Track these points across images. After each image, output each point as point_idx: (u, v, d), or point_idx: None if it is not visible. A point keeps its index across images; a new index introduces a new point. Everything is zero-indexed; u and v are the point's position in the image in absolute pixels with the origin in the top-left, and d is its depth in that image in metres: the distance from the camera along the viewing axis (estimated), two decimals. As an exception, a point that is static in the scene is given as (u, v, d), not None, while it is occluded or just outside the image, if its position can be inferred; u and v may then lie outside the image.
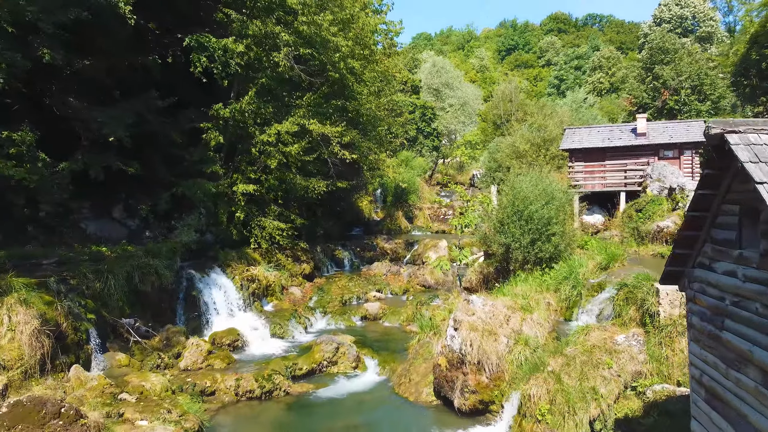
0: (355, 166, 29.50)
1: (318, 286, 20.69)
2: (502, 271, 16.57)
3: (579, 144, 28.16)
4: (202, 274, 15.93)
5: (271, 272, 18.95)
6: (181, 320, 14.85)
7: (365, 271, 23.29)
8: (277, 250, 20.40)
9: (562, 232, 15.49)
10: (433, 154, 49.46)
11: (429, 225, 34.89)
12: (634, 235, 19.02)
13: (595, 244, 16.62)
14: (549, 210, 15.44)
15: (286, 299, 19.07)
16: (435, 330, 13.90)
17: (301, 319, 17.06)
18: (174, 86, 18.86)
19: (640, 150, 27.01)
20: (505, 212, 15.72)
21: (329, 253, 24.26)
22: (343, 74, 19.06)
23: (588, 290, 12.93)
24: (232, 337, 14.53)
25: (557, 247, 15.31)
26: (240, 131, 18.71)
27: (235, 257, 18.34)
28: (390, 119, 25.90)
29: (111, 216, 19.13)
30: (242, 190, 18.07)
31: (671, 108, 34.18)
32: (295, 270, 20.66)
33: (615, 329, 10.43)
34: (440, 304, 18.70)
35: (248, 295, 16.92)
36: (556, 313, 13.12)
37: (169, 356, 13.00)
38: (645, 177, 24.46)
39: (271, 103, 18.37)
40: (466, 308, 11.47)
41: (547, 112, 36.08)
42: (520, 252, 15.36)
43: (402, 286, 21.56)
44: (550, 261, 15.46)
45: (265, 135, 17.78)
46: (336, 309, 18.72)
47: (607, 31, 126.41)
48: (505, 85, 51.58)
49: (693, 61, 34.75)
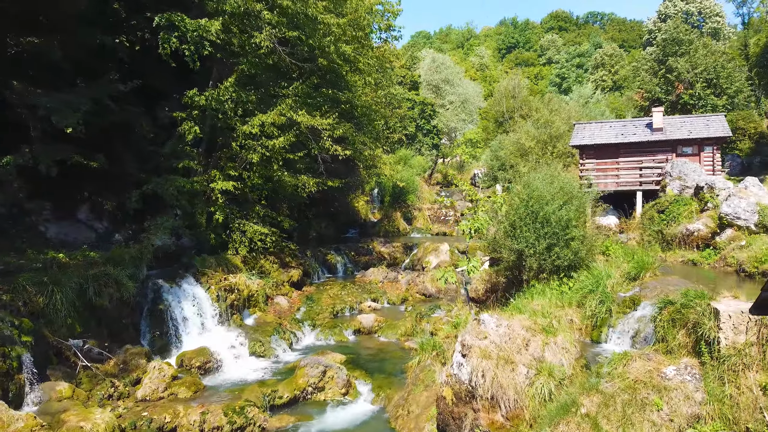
0: (350, 164, 27.63)
1: (307, 295, 18.73)
2: (513, 281, 14.62)
3: (590, 140, 26.27)
4: (171, 284, 13.96)
5: (254, 280, 16.99)
6: (144, 339, 12.89)
7: (360, 277, 21.34)
8: (262, 255, 18.45)
9: (582, 237, 13.55)
10: (432, 153, 47.55)
11: (429, 227, 32.96)
12: (658, 240, 17.09)
13: (618, 249, 14.69)
14: (568, 211, 13.50)
15: (271, 310, 17.12)
16: (437, 350, 11.98)
17: (285, 335, 15.10)
18: (147, 73, 16.94)
19: (656, 146, 25.14)
20: (517, 214, 13.77)
21: (321, 257, 22.31)
22: (335, 60, 17.11)
23: (619, 306, 10.99)
24: (203, 358, 12.57)
25: (577, 253, 13.37)
26: (220, 123, 16.75)
27: (214, 264, 16.39)
28: (387, 110, 23.92)
29: (75, 217, 17.16)
30: (220, 188, 16.12)
31: (685, 103, 32.27)
32: (282, 277, 18.70)
33: (660, 358, 8.48)
34: (443, 317, 16.79)
35: (226, 308, 14.97)
36: (581, 332, 11.17)
37: (124, 384, 11.03)
38: (664, 175, 22.56)
39: (254, 92, 16.41)
40: (476, 330, 9.52)
41: (554, 108, 34.20)
42: (535, 259, 13.41)
43: (400, 294, 19.62)
44: (569, 269, 13.52)
45: (247, 126, 15.85)
46: (326, 322, 16.75)
47: (608, 29, 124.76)
48: (507, 80, 49.68)
49: (708, 53, 32.85)
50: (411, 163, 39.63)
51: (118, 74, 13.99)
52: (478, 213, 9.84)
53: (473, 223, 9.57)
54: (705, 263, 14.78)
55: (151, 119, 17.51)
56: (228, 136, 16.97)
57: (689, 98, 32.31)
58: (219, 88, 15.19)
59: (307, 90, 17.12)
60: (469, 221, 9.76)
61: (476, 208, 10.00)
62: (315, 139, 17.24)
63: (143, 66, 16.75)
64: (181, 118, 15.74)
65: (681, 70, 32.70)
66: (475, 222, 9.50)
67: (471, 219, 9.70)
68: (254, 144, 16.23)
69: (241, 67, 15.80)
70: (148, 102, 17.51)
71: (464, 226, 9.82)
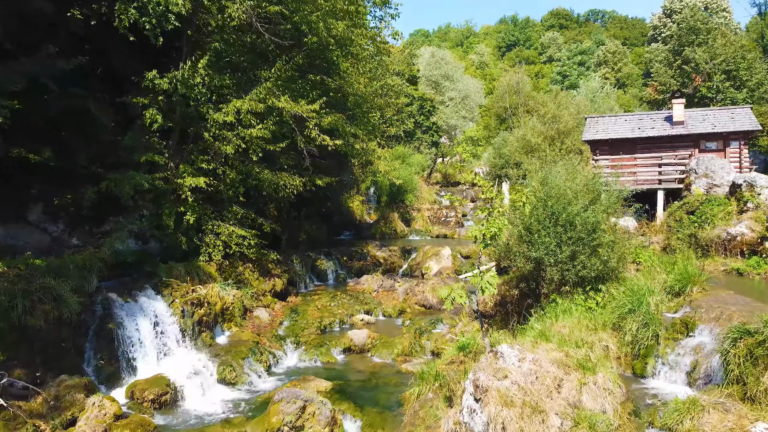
0: (343, 161, 25.51)
1: (292, 307, 16.59)
2: (528, 293, 12.51)
3: (604, 134, 24.17)
4: (125, 298, 11.80)
5: (230, 291, 14.85)
6: (89, 366, 10.72)
7: (352, 286, 19.19)
8: (241, 262, 16.31)
9: (611, 242, 11.43)
10: (431, 151, 45.41)
11: (428, 228, 30.82)
12: (691, 245, 14.98)
13: (652, 257, 12.61)
14: (595, 212, 11.39)
15: (249, 325, 14.98)
16: (440, 381, 9.87)
17: (263, 356, 12.95)
18: (109, 53, 14.81)
19: (677, 141, 23.04)
20: (534, 215, 11.65)
21: (309, 263, 20.15)
22: (324, 38, 14.97)
23: (667, 330, 8.87)
24: (159, 389, 10.42)
25: (607, 262, 11.25)
26: (192, 111, 14.59)
27: (182, 272, 14.24)
28: (383, 100, 21.78)
29: (26, 219, 14.98)
30: (190, 185, 13.98)
31: (703, 96, 30.19)
32: (263, 287, 16.56)
33: (742, 410, 6.37)
34: (445, 333, 14.68)
35: (192, 325, 12.81)
36: (619, 363, 9.06)
37: (53, 427, 8.88)
38: (688, 172, 20.46)
39: (229, 76, 14.27)
40: (492, 366, 7.39)
41: (561, 101, 32.14)
42: (557, 269, 11.28)
43: (396, 305, 17.49)
44: (597, 281, 11.42)
45: (220, 114, 13.71)
46: (312, 339, 14.61)
47: (610, 27, 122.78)
48: (510, 75, 47.57)
49: (727, 43, 30.77)
50: (409, 161, 37.50)
51: (58, 48, 11.79)
52: (494, 214, 7.68)
53: (489, 226, 7.43)
54: (753, 273, 12.67)
55: (114, 106, 15.35)
56: (201, 126, 14.82)
57: (707, 91, 30.23)
58: (183, 69, 13.04)
59: (291, 73, 14.98)
60: (483, 224, 7.60)
61: (492, 208, 7.83)
62: (300, 129, 15.09)
63: (103, 44, 14.60)
64: (143, 104, 13.58)
65: (699, 61, 30.59)
66: (491, 226, 7.36)
67: (486, 222, 7.55)
68: (229, 134, 14.10)
69: (213, 45, 13.66)
70: (112, 87, 15.36)
71: (476, 231, 7.69)
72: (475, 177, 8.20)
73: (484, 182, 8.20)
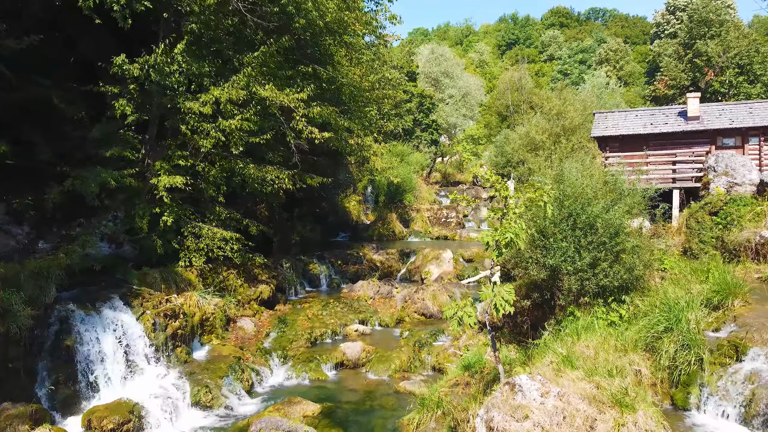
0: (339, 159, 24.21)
1: (280, 317, 15.24)
2: (541, 305, 11.17)
3: (614, 130, 22.87)
4: (88, 310, 10.43)
5: (211, 300, 13.50)
6: (41, 389, 9.36)
7: (346, 292, 17.82)
8: (225, 267, 14.96)
9: (636, 247, 10.11)
10: (431, 150, 44.06)
11: (428, 229, 29.48)
12: (717, 249, 13.66)
13: (680, 264, 11.28)
14: (617, 213, 10.06)
15: (232, 338, 13.62)
16: (443, 409, 8.55)
17: (245, 373, 11.59)
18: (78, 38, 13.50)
19: (692, 137, 21.76)
20: (549, 217, 10.32)
21: (300, 267, 18.78)
22: (314, 21, 13.64)
23: (713, 354, 7.54)
24: (121, 417, 9.06)
25: (632, 270, 9.93)
26: (169, 102, 13.23)
27: (158, 279, 12.91)
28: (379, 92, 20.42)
29: (-14, 221, 13.66)
30: (165, 184, 12.62)
31: (715, 91, 28.88)
32: (249, 294, 15.21)
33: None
34: (448, 346, 13.34)
35: (165, 339, 11.44)
36: (654, 390, 7.71)
37: (-14, 467, 7.54)
38: (706, 170, 19.15)
39: (207, 63, 12.91)
40: (509, 402, 6.05)
41: (566, 97, 30.85)
42: (575, 279, 9.96)
43: (394, 314, 16.15)
44: (620, 292, 10.10)
45: (197, 104, 12.36)
46: (301, 352, 13.26)
47: (610, 26, 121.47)
48: (512, 72, 46.24)
49: (741, 36, 29.47)
50: (408, 160, 36.19)
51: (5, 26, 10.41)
52: (509, 216, 6.35)
53: (503, 231, 6.09)
54: (794, 282, 11.33)
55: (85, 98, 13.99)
56: (179, 118, 13.46)
57: (720, 86, 28.92)
58: (156, 53, 11.67)
59: (277, 58, 13.62)
60: (497, 229, 6.27)
61: (506, 208, 6.50)
62: (288, 122, 13.74)
63: (70, 28, 13.26)
64: (112, 94, 12.22)
65: (711, 54, 29.25)
66: (506, 230, 6.02)
67: (500, 226, 6.21)
68: (207, 127, 12.75)
69: (190, 26, 12.29)
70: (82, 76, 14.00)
71: (487, 237, 6.35)
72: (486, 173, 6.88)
73: (497, 179, 6.83)
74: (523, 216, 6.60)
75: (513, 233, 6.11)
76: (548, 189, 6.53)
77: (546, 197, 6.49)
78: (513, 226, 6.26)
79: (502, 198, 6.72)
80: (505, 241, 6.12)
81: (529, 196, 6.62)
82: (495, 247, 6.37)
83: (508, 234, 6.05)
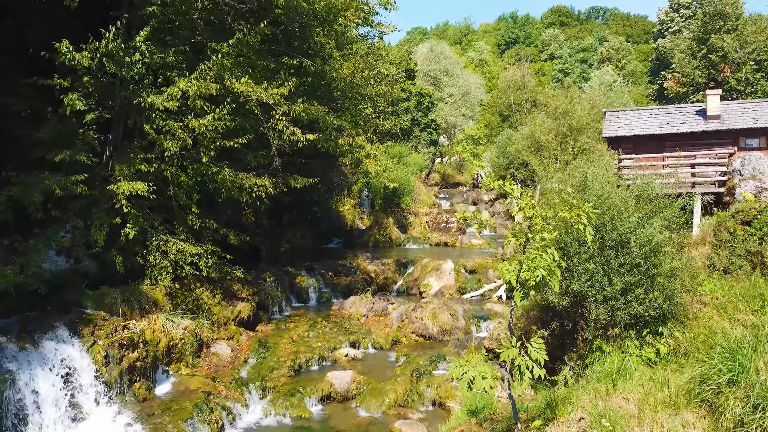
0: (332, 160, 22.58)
1: (261, 339, 13.57)
2: (561, 335, 9.52)
3: (628, 130, 21.24)
4: (22, 343, 8.77)
5: (180, 322, 11.85)
6: (-44, 443, 7.72)
7: (337, 309, 16.17)
8: (198, 283, 13.31)
9: (675, 270, 8.47)
10: (430, 150, 42.41)
11: (427, 235, 27.83)
12: (756, 265, 12.03)
13: (722, 286, 9.65)
14: (654, 229, 8.44)
15: (204, 365, 11.97)
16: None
17: (214, 413, 9.93)
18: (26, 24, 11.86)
19: (712, 138, 20.12)
20: (572, 233, 8.69)
21: (287, 281, 17.10)
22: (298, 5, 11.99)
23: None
24: (52, 480, 7.41)
25: (671, 297, 8.31)
26: (131, 96, 11.56)
27: (119, 300, 11.26)
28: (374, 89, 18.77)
29: (-77, 233, 11.97)
30: (125, 191, 10.95)
31: (731, 88, 27.30)
32: (226, 314, 13.55)
33: None
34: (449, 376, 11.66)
35: (120, 374, 9.77)
36: (717, 461, 6.07)
37: None
38: (731, 173, 17.55)
39: (174, 51, 11.26)
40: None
41: (573, 95, 29.24)
42: (604, 307, 8.33)
43: (390, 334, 14.50)
44: (656, 322, 8.47)
45: (161, 98, 10.70)
46: (282, 383, 11.58)
47: (611, 24, 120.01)
48: (513, 70, 44.62)
49: (758, 30, 27.88)
50: (406, 161, 34.54)
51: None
52: (536, 241, 4.69)
53: (530, 265, 4.43)
54: None
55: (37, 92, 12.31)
56: (144, 116, 11.79)
57: (736, 83, 27.33)
58: (107, 38, 9.99)
59: (256, 47, 11.97)
60: (521, 261, 4.61)
61: (531, 231, 4.84)
62: (267, 119, 12.06)
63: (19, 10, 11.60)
64: (62, 87, 10.56)
65: (728, 49, 27.66)
66: (535, 265, 4.36)
67: (526, 258, 4.55)
68: (174, 126, 11.09)
69: (151, 9, 10.61)
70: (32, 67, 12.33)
71: (509, 274, 4.70)
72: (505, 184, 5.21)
73: (516, 189, 5.20)
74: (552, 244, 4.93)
75: (544, 269, 4.46)
76: (588, 207, 4.88)
77: (584, 218, 4.84)
78: (544, 258, 4.61)
79: (526, 218, 5.05)
80: (534, 279, 4.46)
81: (562, 216, 4.97)
82: (519, 287, 4.72)
83: (538, 272, 4.39)
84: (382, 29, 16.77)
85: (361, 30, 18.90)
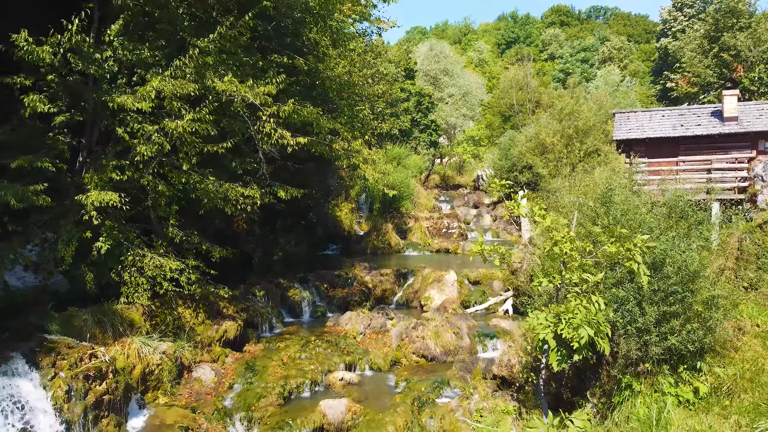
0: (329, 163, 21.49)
1: (248, 361, 12.46)
2: (584, 369, 8.44)
3: (639, 133, 20.20)
4: (-32, 379, 7.68)
5: (157, 345, 10.76)
6: None
7: (332, 326, 15.08)
8: (180, 300, 12.22)
9: (715, 298, 7.40)
10: (430, 151, 41.33)
11: (427, 241, 26.75)
12: (790, 282, 10.98)
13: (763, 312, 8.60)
14: (693, 252, 7.36)
15: (185, 393, 10.88)
16: None
17: (192, 452, 8.85)
18: None
19: (729, 141, 19.12)
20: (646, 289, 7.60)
21: (279, 294, 16.00)
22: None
23: None
24: None
25: (712, 329, 7.24)
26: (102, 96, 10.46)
27: (89, 323, 10.18)
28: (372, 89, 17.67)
29: None
30: (95, 201, 9.85)
31: (745, 88, 26.24)
32: (210, 334, 12.44)
33: None
34: (455, 405, 10.60)
35: (84, 410, 8.67)
36: None
37: None
38: (752, 179, 16.50)
39: (148, 46, 10.16)
40: None
41: (580, 95, 28.17)
42: (635, 341, 7.25)
43: (389, 354, 13.42)
44: (693, 357, 7.40)
45: (132, 98, 9.61)
46: (270, 413, 10.49)
47: (612, 24, 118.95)
48: (515, 69, 43.54)
49: (772, 28, 26.84)
50: (405, 163, 33.47)
51: None
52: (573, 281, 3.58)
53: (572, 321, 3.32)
54: None
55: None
56: (117, 119, 10.69)
57: (749, 83, 26.29)
58: (70, 31, 8.89)
59: (241, 42, 10.87)
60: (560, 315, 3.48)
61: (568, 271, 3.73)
62: (254, 122, 10.97)
63: None
64: (22, 86, 9.46)
65: (741, 48, 26.61)
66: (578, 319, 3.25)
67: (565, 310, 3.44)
68: (149, 129, 10.00)
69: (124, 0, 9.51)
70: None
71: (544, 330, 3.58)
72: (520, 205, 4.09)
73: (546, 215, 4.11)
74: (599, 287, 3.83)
75: (591, 326, 3.36)
76: (641, 240, 3.78)
77: (638, 254, 3.74)
78: (588, 308, 3.51)
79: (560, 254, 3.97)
80: (579, 340, 3.36)
81: (608, 250, 3.88)
82: (557, 347, 3.62)
83: (583, 331, 3.30)
84: (381, 25, 15.67)
85: (358, 27, 17.81)
